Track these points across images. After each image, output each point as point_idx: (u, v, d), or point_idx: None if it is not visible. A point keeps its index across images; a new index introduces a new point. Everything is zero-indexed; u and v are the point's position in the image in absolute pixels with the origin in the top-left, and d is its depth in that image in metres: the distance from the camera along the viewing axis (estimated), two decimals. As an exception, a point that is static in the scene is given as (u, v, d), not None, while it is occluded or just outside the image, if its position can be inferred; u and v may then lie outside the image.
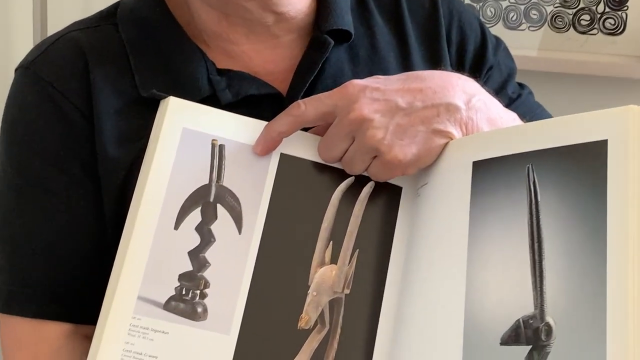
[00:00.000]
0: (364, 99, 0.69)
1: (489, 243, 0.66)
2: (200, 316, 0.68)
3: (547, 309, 0.61)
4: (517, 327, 0.62)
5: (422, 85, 0.70)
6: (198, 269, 0.69)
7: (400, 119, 0.69)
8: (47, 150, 0.76)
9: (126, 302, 0.67)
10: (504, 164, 0.66)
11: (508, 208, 0.65)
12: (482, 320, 0.64)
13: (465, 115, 0.70)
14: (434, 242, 0.70)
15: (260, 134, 0.71)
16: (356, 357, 0.70)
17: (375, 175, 0.71)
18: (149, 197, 0.70)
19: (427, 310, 0.68)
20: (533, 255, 0.63)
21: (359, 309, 0.71)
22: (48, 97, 0.76)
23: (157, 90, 0.74)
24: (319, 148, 0.72)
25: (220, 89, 0.76)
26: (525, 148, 0.65)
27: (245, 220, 0.71)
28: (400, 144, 0.68)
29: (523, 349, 0.61)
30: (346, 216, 0.72)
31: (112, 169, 0.75)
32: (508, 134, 0.68)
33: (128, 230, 0.69)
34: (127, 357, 0.66)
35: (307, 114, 0.70)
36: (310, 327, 0.70)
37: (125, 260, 0.68)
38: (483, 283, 0.65)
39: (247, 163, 0.72)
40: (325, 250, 0.72)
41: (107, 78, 0.76)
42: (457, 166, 0.69)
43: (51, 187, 0.76)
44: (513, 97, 0.86)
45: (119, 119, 0.76)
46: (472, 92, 0.71)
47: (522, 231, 0.64)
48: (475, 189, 0.68)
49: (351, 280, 0.71)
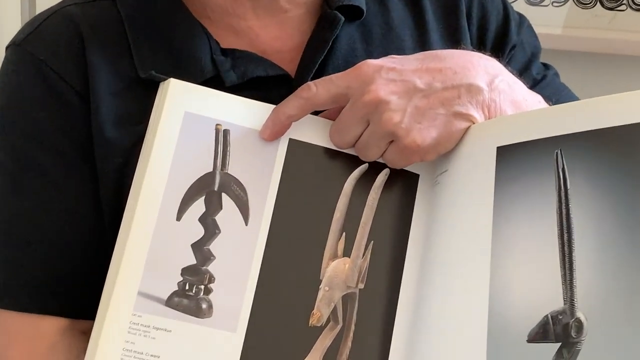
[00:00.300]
0: (379, 79, 0.64)
1: (515, 234, 0.62)
2: (205, 313, 0.64)
3: (578, 304, 0.57)
4: (545, 323, 0.58)
5: (441, 65, 0.66)
6: (202, 263, 0.65)
7: (419, 100, 0.64)
8: (40, 133, 0.72)
9: (126, 298, 0.63)
10: (531, 149, 0.62)
11: (535, 196, 0.61)
12: (507, 316, 0.60)
13: (487, 97, 0.66)
14: (455, 234, 0.66)
15: (268, 117, 0.67)
16: (371, 356, 0.66)
17: (392, 162, 0.67)
18: (148, 186, 0.66)
19: (447, 305, 0.64)
20: (562, 247, 0.59)
21: (374, 305, 0.67)
22: (42, 76, 0.73)
23: (157, 71, 0.71)
24: (331, 133, 0.68)
25: (225, 70, 0.72)
26: (554, 132, 0.61)
27: (252, 211, 0.67)
28: (418, 128, 0.64)
29: (551, 346, 0.58)
30: (360, 206, 0.68)
31: (109, 154, 0.71)
32: (535, 117, 0.64)
33: (127, 221, 0.66)
34: (127, 357, 0.62)
35: (318, 96, 0.66)
36: (322, 324, 0.66)
37: (124, 253, 0.64)
38: (508, 277, 0.61)
39: (254, 149, 0.68)
40: (337, 242, 0.67)
41: (104, 57, 0.73)
42: (480, 152, 0.65)
43: (46, 172, 0.72)
44: (538, 78, 0.82)
45: (117, 101, 0.72)
46: (495, 73, 0.67)
47: (551, 221, 0.60)
48: (499, 176, 0.64)
49: (365, 274, 0.67)
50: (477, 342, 0.61)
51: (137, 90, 0.72)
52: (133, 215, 0.65)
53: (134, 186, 0.67)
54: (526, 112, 0.67)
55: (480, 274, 0.62)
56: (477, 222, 0.64)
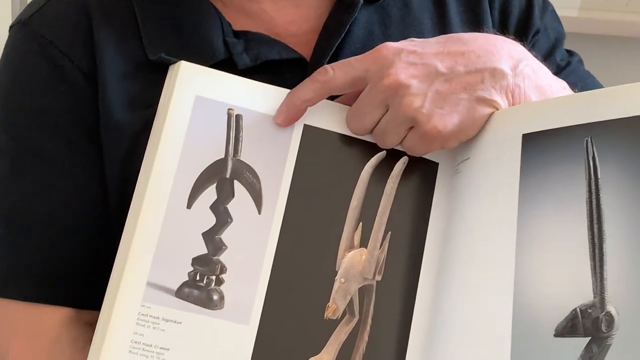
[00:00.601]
0: (399, 63, 0.62)
1: (541, 224, 0.59)
2: (217, 304, 0.62)
3: (608, 297, 0.55)
4: (574, 317, 0.56)
5: (464, 49, 0.63)
6: (213, 253, 0.63)
7: (440, 85, 0.62)
8: (46, 115, 0.69)
9: (134, 288, 0.61)
10: (559, 136, 0.60)
11: (563, 186, 0.59)
12: (533, 309, 0.58)
13: (511, 82, 0.63)
14: (477, 224, 0.63)
15: (282, 102, 0.64)
16: (389, 350, 0.63)
17: (411, 149, 0.64)
18: (158, 172, 0.63)
19: (469, 298, 0.62)
20: (592, 238, 0.57)
21: (391, 298, 0.64)
22: (48, 56, 0.70)
23: (167, 54, 0.68)
24: (348, 118, 0.65)
25: (237, 52, 0.69)
26: (584, 119, 0.59)
27: (265, 199, 0.64)
28: (440, 113, 0.62)
29: (580, 341, 0.55)
30: (377, 195, 0.65)
31: (116, 138, 0.69)
32: (563, 104, 0.62)
33: (135, 208, 0.63)
34: (135, 350, 0.60)
35: (335, 80, 0.63)
36: (338, 317, 0.63)
37: (133, 242, 0.61)
38: (534, 269, 0.59)
39: (267, 135, 0.65)
40: (354, 232, 0.65)
41: (113, 38, 0.70)
42: (504, 139, 0.63)
43: (50, 155, 0.70)
44: (562, 64, 0.79)
45: (126, 83, 0.69)
46: (519, 57, 0.64)
47: (580, 211, 0.57)
48: (525, 164, 0.61)
49: (383, 266, 0.64)
50: (501, 337, 0.58)
51: (146, 73, 0.69)
52: (142, 202, 0.62)
53: (142, 172, 0.64)
54: (554, 99, 0.65)
55: (504, 267, 0.60)
56: (501, 212, 0.61)
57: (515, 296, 0.59)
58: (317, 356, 0.62)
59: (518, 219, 0.60)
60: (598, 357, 0.54)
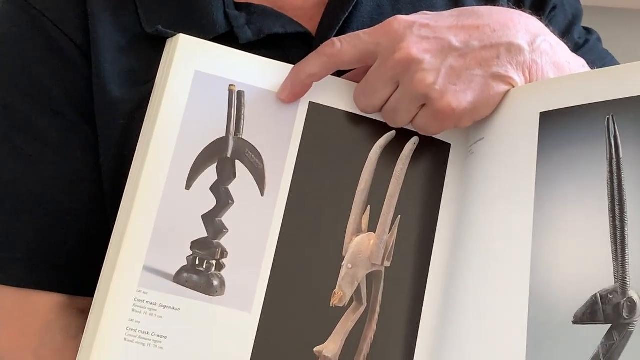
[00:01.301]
0: (411, 36, 0.59)
1: (560, 206, 0.56)
2: (217, 290, 0.58)
3: (630, 282, 0.52)
4: (594, 303, 0.53)
5: (479, 22, 0.60)
6: (214, 236, 0.59)
7: (454, 60, 0.59)
8: (37, 89, 0.66)
9: (130, 273, 0.57)
10: (578, 115, 0.57)
11: (583, 166, 0.56)
12: (551, 296, 0.55)
13: (528, 58, 0.60)
14: (492, 207, 0.60)
15: (287, 76, 0.61)
16: (398, 338, 0.60)
17: (423, 128, 0.61)
18: (155, 152, 0.60)
19: (483, 284, 0.59)
20: (613, 221, 0.54)
21: (401, 284, 0.61)
22: (39, 28, 0.67)
23: (164, 26, 0.65)
24: (356, 95, 0.62)
25: (239, 26, 0.66)
26: (604, 97, 0.56)
27: (268, 180, 0.61)
28: (453, 90, 0.58)
29: (600, 328, 0.53)
30: (386, 177, 0.62)
31: (111, 115, 0.65)
32: (583, 81, 0.59)
33: (131, 189, 0.60)
34: (131, 337, 0.56)
35: (343, 54, 0.60)
36: (344, 304, 0.60)
37: (129, 224, 0.58)
38: (552, 253, 0.56)
39: (271, 113, 0.62)
40: (361, 215, 0.62)
41: (107, 9, 0.67)
42: (521, 118, 0.60)
43: (42, 132, 0.66)
44: (580, 42, 0.76)
45: (121, 57, 0.66)
46: (537, 32, 0.61)
47: (600, 192, 0.55)
48: (542, 144, 0.58)
49: (392, 251, 0.61)
50: (516, 324, 0.55)
51: (143, 47, 0.66)
52: (138, 183, 0.59)
53: (138, 152, 0.61)
54: (573, 75, 0.61)
55: (520, 251, 0.57)
56: (517, 193, 0.58)
57: (532, 282, 0.56)
58: (323, 345, 0.59)
59: (535, 201, 0.57)
60: (619, 344, 0.52)
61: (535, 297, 0.56)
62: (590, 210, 0.55)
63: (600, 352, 0.52)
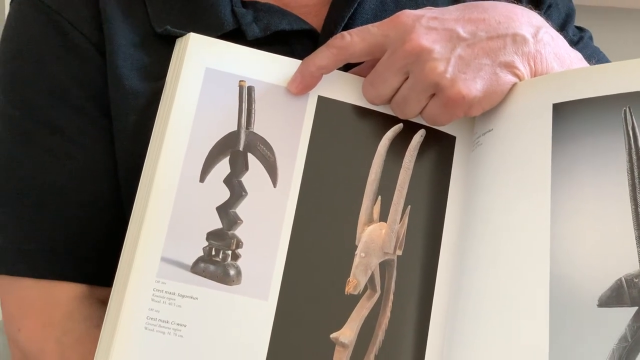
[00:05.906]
0: (420, 28, 0.60)
1: (578, 196, 0.58)
2: (234, 280, 0.59)
3: None
4: (619, 286, 0.54)
5: (484, 15, 0.62)
6: (228, 227, 0.60)
7: (462, 50, 0.60)
8: (55, 86, 0.67)
9: (148, 264, 0.58)
10: (593, 106, 0.59)
11: (601, 156, 0.57)
12: (573, 280, 0.56)
13: (533, 49, 0.62)
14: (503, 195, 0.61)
15: (297, 69, 0.62)
16: (411, 324, 0.61)
17: (433, 118, 0.62)
18: (169, 146, 0.61)
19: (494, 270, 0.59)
20: (636, 207, 0.55)
21: (412, 272, 0.62)
22: (55, 26, 0.67)
23: (173, 25, 0.66)
24: (365, 86, 0.63)
25: (246, 23, 0.67)
26: (621, 89, 0.57)
27: (280, 172, 0.62)
28: (463, 78, 0.60)
29: (626, 310, 0.53)
30: (395, 168, 0.63)
31: (126, 110, 0.66)
32: (598, 72, 0.60)
33: (146, 182, 0.60)
34: (151, 326, 0.57)
35: (353, 46, 0.61)
36: (359, 292, 0.61)
37: (146, 216, 0.59)
38: (571, 240, 0.57)
39: (281, 107, 0.63)
40: (372, 206, 0.63)
41: (119, 8, 0.68)
42: (532, 109, 0.61)
43: (61, 127, 0.67)
44: (574, 39, 0.78)
45: (134, 54, 0.67)
46: (539, 24, 0.63)
47: (620, 180, 0.56)
48: (556, 134, 0.59)
49: (404, 240, 0.62)
50: (537, 309, 0.56)
51: (155, 45, 0.67)
52: (153, 177, 0.60)
53: (152, 146, 0.62)
54: (586, 68, 0.64)
55: (538, 237, 0.58)
56: (532, 182, 0.59)
57: (552, 268, 0.56)
58: (339, 331, 0.60)
59: (552, 189, 0.58)
60: (647, 326, 0.53)
61: (556, 280, 0.56)
62: (611, 199, 0.56)
63: (627, 333, 0.53)
